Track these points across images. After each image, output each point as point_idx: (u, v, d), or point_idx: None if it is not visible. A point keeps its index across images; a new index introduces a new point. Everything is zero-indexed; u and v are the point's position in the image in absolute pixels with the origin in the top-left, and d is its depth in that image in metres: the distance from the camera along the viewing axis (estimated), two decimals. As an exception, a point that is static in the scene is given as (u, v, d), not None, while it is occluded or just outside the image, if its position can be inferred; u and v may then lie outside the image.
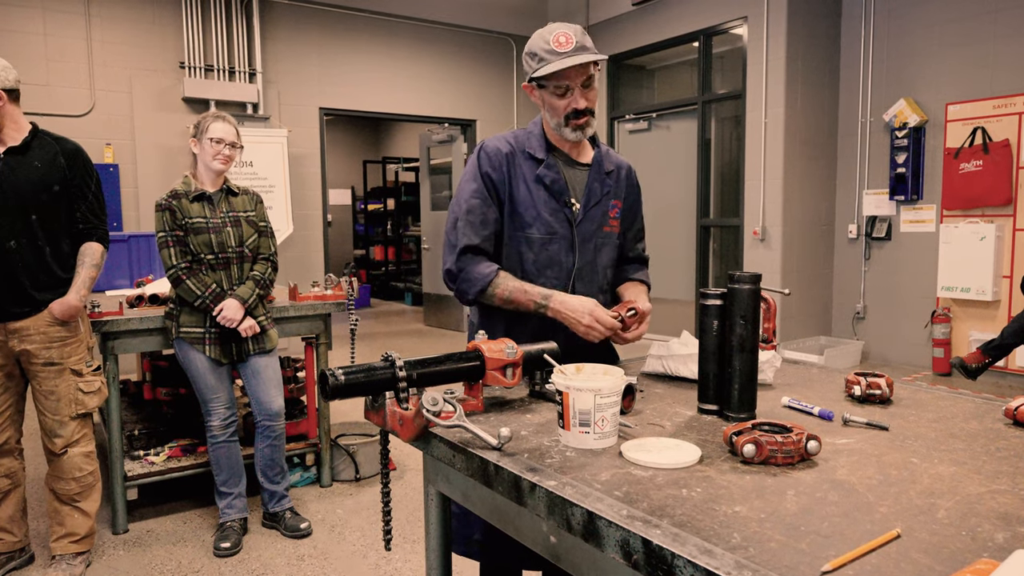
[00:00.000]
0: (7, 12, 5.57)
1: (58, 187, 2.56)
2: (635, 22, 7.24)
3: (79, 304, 2.58)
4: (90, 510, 2.72)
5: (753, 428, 1.17)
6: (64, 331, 2.59)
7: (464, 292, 1.81)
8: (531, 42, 1.79)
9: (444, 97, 7.78)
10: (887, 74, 6.01)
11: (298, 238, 6.85)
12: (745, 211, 6.37)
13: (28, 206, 2.50)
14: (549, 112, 1.82)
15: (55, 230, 2.57)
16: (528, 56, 1.79)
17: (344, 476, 3.65)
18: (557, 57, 1.72)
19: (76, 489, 2.67)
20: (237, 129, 2.92)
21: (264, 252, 2.99)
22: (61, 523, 2.68)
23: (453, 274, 1.81)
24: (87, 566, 2.74)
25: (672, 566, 0.84)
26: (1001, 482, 1.04)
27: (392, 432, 1.33)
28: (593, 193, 1.89)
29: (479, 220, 1.81)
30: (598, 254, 1.91)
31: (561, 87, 1.75)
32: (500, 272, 1.79)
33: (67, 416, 2.61)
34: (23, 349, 2.54)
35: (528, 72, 1.79)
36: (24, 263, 2.50)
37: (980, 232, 5.36)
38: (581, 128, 1.81)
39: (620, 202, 1.97)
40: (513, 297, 1.77)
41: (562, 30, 1.74)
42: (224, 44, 6.39)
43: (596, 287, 1.91)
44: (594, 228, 1.90)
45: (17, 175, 2.48)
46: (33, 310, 2.53)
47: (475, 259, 1.80)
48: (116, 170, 5.98)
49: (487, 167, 1.83)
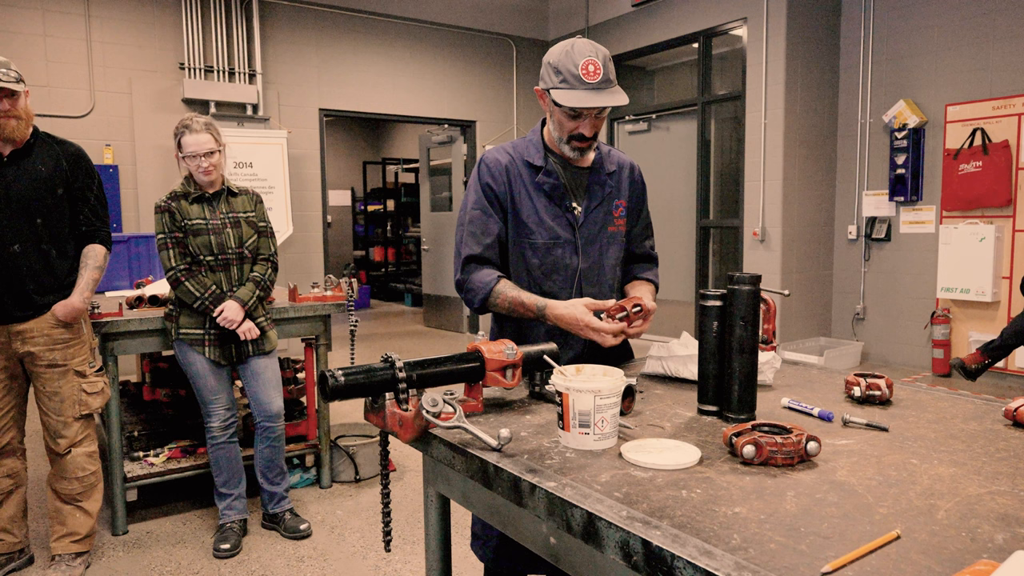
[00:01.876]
0: (7, 13, 5.57)
1: (62, 190, 2.57)
2: (635, 23, 7.25)
3: (82, 306, 2.59)
4: (92, 510, 2.73)
5: (753, 429, 1.17)
6: (67, 333, 2.60)
7: (470, 301, 1.86)
8: (557, 56, 1.74)
9: (444, 98, 7.78)
10: (886, 75, 6.02)
11: (298, 239, 6.85)
12: (745, 212, 6.37)
13: (32, 209, 2.51)
14: (554, 125, 1.84)
15: (59, 233, 2.58)
16: (551, 68, 1.75)
17: (344, 477, 3.65)
18: (582, 86, 1.71)
19: (79, 489, 2.67)
20: (213, 131, 2.82)
21: (264, 253, 2.99)
22: (63, 522, 2.69)
23: (460, 284, 1.88)
24: (87, 567, 2.74)
25: (672, 567, 0.84)
26: (1001, 483, 1.04)
27: (392, 433, 1.33)
28: (594, 195, 1.91)
29: (480, 230, 1.86)
30: (604, 255, 1.93)
31: (576, 111, 1.76)
32: (501, 280, 1.82)
33: (71, 417, 2.63)
34: (27, 351, 2.54)
35: (546, 80, 1.77)
36: (28, 266, 2.51)
37: (980, 233, 5.36)
38: (581, 151, 1.84)
39: (624, 201, 1.98)
40: (513, 308, 1.80)
41: (591, 57, 1.71)
42: (224, 45, 6.39)
43: (604, 287, 1.93)
44: (597, 229, 1.91)
45: (21, 179, 2.49)
46: (36, 312, 2.54)
47: (477, 268, 1.85)
48: (116, 171, 5.98)
49: (487, 178, 1.87)
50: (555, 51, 1.77)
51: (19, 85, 2.44)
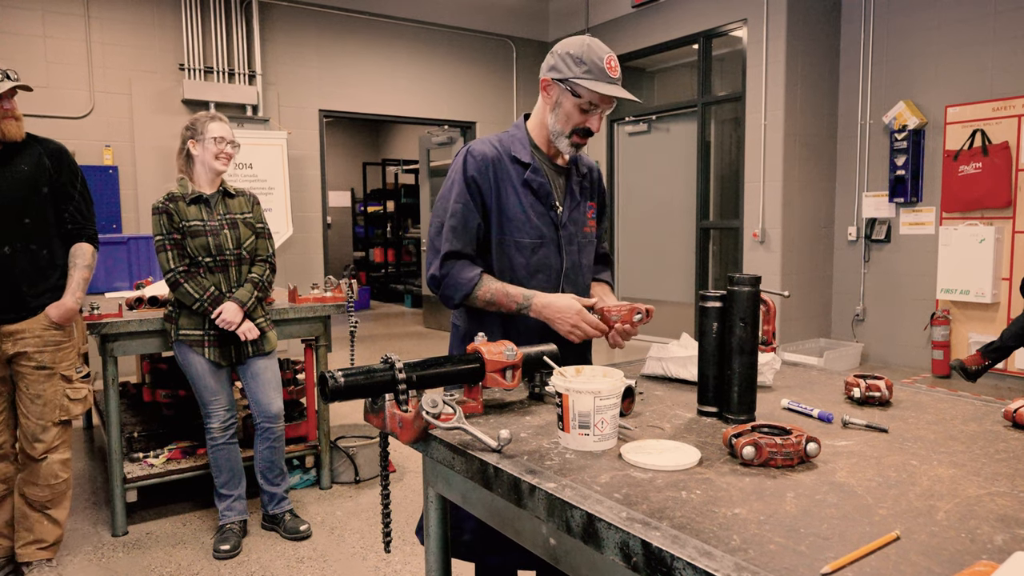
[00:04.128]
0: (7, 14, 5.57)
1: (46, 188, 2.54)
2: (635, 24, 7.25)
3: (75, 306, 2.57)
4: (60, 518, 2.68)
5: (753, 430, 1.17)
6: (59, 335, 2.57)
7: (449, 297, 1.82)
8: (578, 48, 1.74)
9: (444, 99, 7.78)
10: (886, 76, 6.02)
11: (298, 240, 6.85)
12: (745, 213, 6.37)
13: (19, 210, 2.48)
14: (557, 118, 1.81)
15: (46, 233, 2.55)
16: (572, 59, 1.74)
17: (344, 478, 3.65)
18: (606, 80, 1.73)
19: (48, 496, 2.62)
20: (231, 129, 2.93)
21: (262, 254, 2.99)
22: (29, 529, 2.63)
23: (437, 279, 1.82)
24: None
25: (672, 568, 0.84)
26: (1000, 484, 1.04)
27: (392, 434, 1.33)
28: (574, 195, 1.92)
29: (462, 225, 1.80)
30: (581, 255, 1.94)
31: (593, 103, 1.76)
32: (483, 275, 1.81)
33: (50, 421, 2.57)
34: (17, 351, 2.51)
35: (563, 70, 1.75)
36: (19, 267, 2.49)
37: (979, 234, 5.36)
38: (578, 146, 1.84)
39: (595, 203, 2.01)
40: (495, 299, 1.78)
41: (611, 53, 1.77)
42: (224, 46, 6.39)
43: (581, 288, 1.95)
44: (576, 230, 1.92)
45: (6, 179, 2.46)
46: (31, 313, 2.52)
47: (458, 264, 1.81)
48: (115, 172, 5.98)
49: (473, 171, 1.81)
50: (572, 43, 1.76)
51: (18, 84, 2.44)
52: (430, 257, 1.85)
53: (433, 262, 1.83)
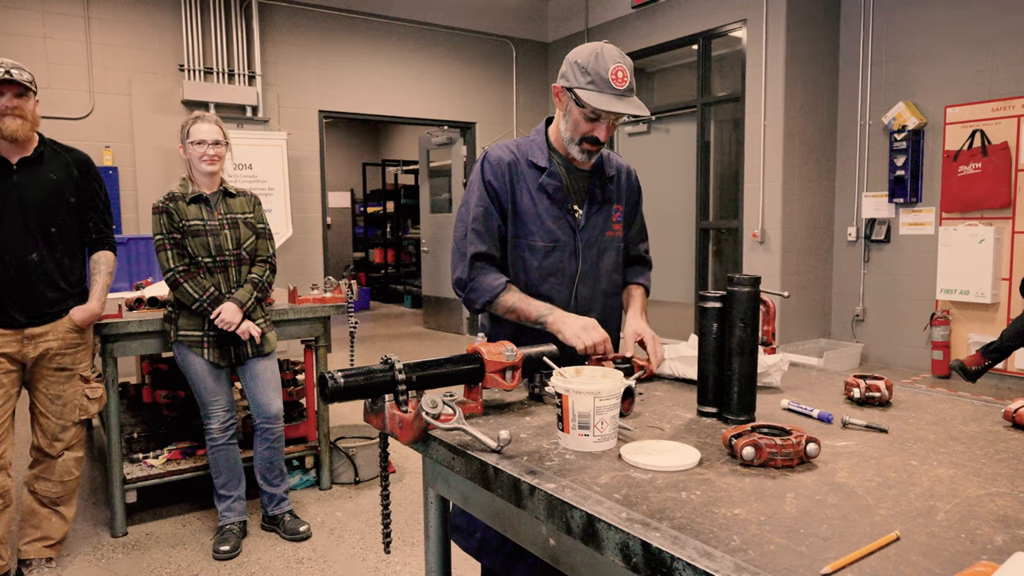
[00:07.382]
0: (7, 15, 5.57)
1: (74, 198, 2.61)
2: (635, 24, 7.25)
3: (100, 310, 2.66)
4: (68, 515, 2.73)
5: (752, 431, 1.17)
6: (79, 338, 2.64)
7: (472, 301, 1.85)
8: (587, 57, 1.73)
9: (444, 100, 7.78)
10: (886, 77, 6.02)
11: (297, 241, 6.85)
12: (744, 214, 6.37)
13: (47, 218, 2.53)
14: (567, 125, 1.82)
15: (72, 240, 2.62)
16: (579, 68, 1.73)
17: (343, 479, 3.65)
18: (610, 91, 1.70)
19: (60, 492, 2.68)
20: (221, 126, 2.88)
21: (262, 254, 2.98)
22: (37, 526, 2.67)
23: (463, 282, 1.85)
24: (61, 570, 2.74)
25: (671, 569, 0.84)
26: (1000, 484, 1.04)
27: (391, 435, 1.33)
28: (595, 199, 1.92)
29: (485, 228, 1.84)
30: (601, 259, 1.94)
31: (597, 114, 1.76)
32: (508, 285, 1.82)
33: (70, 421, 2.64)
34: (39, 353, 2.55)
35: (570, 79, 1.75)
36: (46, 273, 2.54)
37: (979, 235, 5.36)
38: (589, 153, 1.83)
39: (622, 206, 2.00)
40: (516, 308, 1.80)
41: (620, 63, 1.71)
42: (223, 47, 6.39)
43: (599, 291, 1.95)
44: (596, 234, 1.92)
45: (34, 187, 2.51)
46: (55, 317, 2.57)
47: (485, 269, 1.84)
48: (115, 173, 5.98)
49: (489, 175, 1.85)
50: (583, 52, 1.75)
51: (30, 84, 2.46)
52: (455, 260, 1.88)
53: (459, 265, 1.86)
